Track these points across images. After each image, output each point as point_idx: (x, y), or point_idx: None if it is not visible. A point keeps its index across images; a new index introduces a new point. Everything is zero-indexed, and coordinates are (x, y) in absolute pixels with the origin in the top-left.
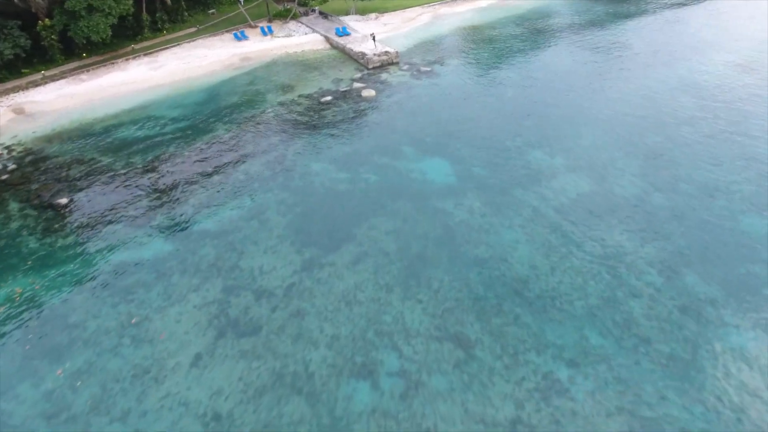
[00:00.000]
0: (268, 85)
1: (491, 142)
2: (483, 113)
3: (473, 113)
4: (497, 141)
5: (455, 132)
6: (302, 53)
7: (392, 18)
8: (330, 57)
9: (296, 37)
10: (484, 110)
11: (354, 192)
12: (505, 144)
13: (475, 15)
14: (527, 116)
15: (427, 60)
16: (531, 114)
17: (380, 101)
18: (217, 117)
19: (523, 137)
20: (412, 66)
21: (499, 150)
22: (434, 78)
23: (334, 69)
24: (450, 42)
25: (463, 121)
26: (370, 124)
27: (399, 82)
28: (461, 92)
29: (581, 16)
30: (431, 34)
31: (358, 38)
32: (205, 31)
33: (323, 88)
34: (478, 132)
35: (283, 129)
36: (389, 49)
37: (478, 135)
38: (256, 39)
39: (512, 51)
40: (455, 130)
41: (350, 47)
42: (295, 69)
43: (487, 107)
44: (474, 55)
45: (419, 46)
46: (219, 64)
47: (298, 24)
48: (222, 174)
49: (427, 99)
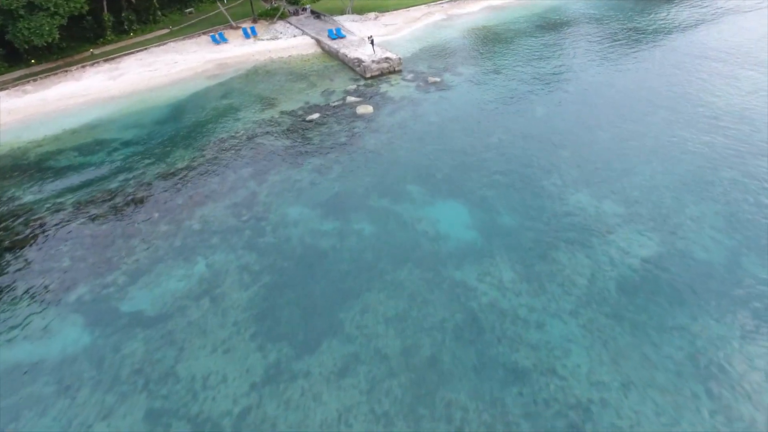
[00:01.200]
0: (246, 98)
1: (520, 178)
2: (507, 139)
3: (495, 139)
4: (528, 177)
5: (473, 164)
6: (288, 59)
7: (394, 18)
8: (320, 64)
9: (283, 39)
10: (509, 135)
11: (342, 252)
12: (538, 182)
13: (489, 14)
14: (563, 143)
15: (435, 68)
16: (567, 140)
17: (379, 121)
18: (179, 141)
19: (560, 172)
20: (417, 75)
21: (532, 190)
22: (444, 91)
23: (325, 78)
24: (461, 46)
25: (482, 149)
26: (365, 153)
27: (402, 96)
28: (478, 110)
29: (614, 15)
30: (439, 36)
31: (354, 42)
32: (179, 32)
33: (310, 103)
34: (502, 164)
35: (258, 158)
36: (390, 54)
37: (503, 169)
38: (237, 42)
39: (537, 57)
40: (473, 161)
41: (344, 52)
42: (278, 78)
43: (511, 131)
44: (491, 63)
45: (426, 51)
46: (190, 72)
47: (286, 25)
48: (173, 222)
49: (436, 118)
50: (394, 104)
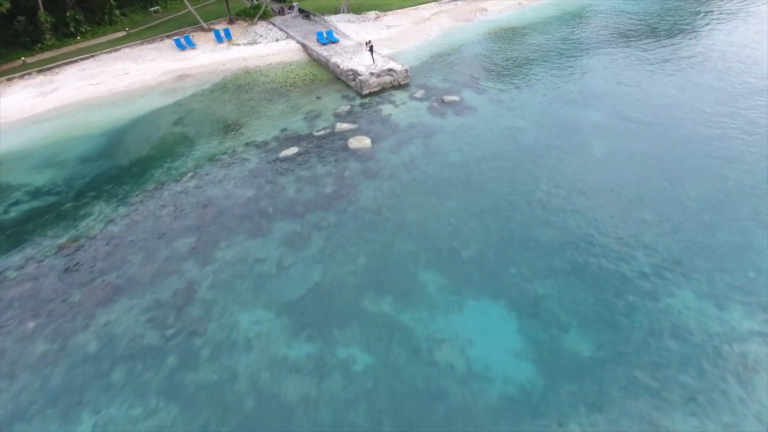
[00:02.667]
0: (205, 124)
1: (589, 261)
2: (559, 193)
3: (541, 191)
4: (601, 259)
5: (515, 235)
6: (267, 69)
7: (398, 18)
8: (306, 76)
9: (262, 44)
10: (561, 186)
11: (319, 410)
12: (617, 268)
13: (512, 14)
14: (644, 202)
15: (451, 82)
16: (649, 196)
17: (379, 159)
18: (104, 188)
19: (649, 253)
20: (429, 92)
21: (612, 284)
22: (465, 114)
23: (310, 96)
24: (482, 53)
25: (525, 208)
26: (359, 212)
27: (410, 122)
28: (513, 144)
29: (667, 16)
30: (454, 41)
31: (348, 48)
32: (138, 36)
33: (288, 132)
34: (557, 235)
35: (206, 219)
36: (394, 64)
37: (560, 242)
38: (207, 47)
39: (579, 68)
40: (515, 230)
41: (336, 62)
42: (251, 96)
43: (563, 179)
44: (522, 75)
45: (438, 60)
46: (142, 86)
47: (269, 26)
48: (56, 338)
49: (457, 157)
50: (399, 134)
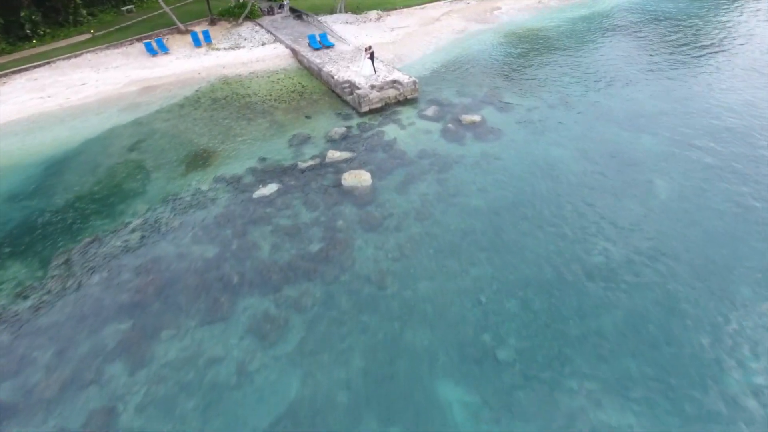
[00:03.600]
0: (167, 149)
1: (679, 373)
2: (624, 253)
3: (599, 255)
4: (698, 371)
5: (573, 325)
6: (250, 79)
7: (403, 19)
8: (295, 88)
9: (246, 49)
10: (624, 241)
11: None
12: (728, 390)
13: (533, 14)
14: (745, 274)
15: (468, 97)
16: (752, 264)
17: (381, 203)
18: (24, 241)
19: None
20: (442, 109)
21: (717, 408)
22: (488, 139)
23: (298, 114)
24: (502, 61)
25: (580, 278)
26: (354, 284)
27: (420, 150)
28: (552, 183)
29: (708, 15)
30: (468, 45)
31: (345, 54)
32: (104, 39)
33: (267, 162)
34: (634, 326)
35: (146, 292)
36: (400, 75)
37: (638, 336)
38: (182, 52)
39: (622, 80)
40: (570, 316)
41: (330, 71)
42: (227, 113)
43: (626, 232)
44: (554, 88)
45: (451, 69)
46: (100, 99)
47: (255, 28)
48: None
49: (482, 201)
50: (406, 166)
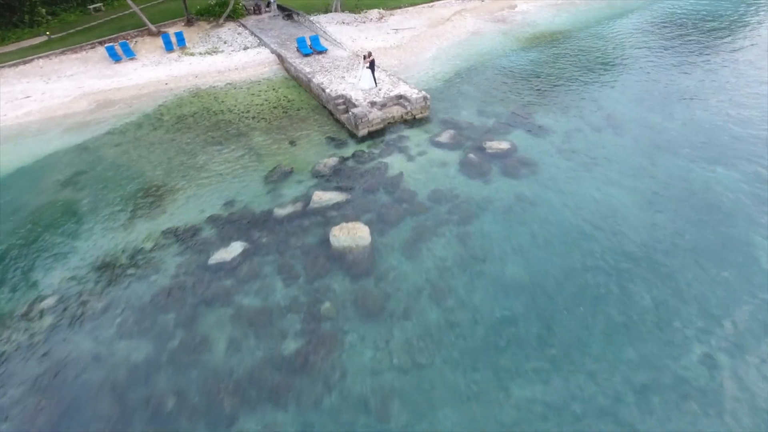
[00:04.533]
0: (111, 186)
1: None
2: (745, 370)
3: (705, 366)
4: None
5: None
6: (226, 92)
7: (409, 19)
8: (279, 102)
9: (225, 54)
10: (740, 346)
11: None
12: None
13: (556, 13)
14: None
15: (491, 116)
16: None
17: (383, 272)
18: None
19: None
20: (459, 133)
21: None
22: (521, 174)
23: (281, 137)
24: (529, 69)
25: (680, 408)
26: (343, 417)
27: (433, 192)
28: (616, 242)
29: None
30: (485, 50)
31: (340, 61)
32: (62, 42)
33: (235, 207)
34: None
35: (37, 423)
36: (407, 88)
37: None
38: (150, 58)
39: (678, 95)
40: None
41: (321, 82)
42: (194, 135)
43: (739, 328)
44: (596, 104)
45: (468, 79)
46: (43, 117)
47: (238, 29)
48: None
49: (521, 270)
50: (416, 215)
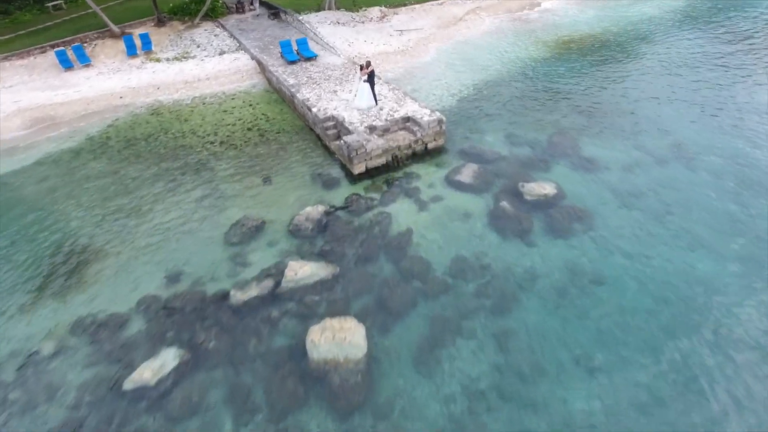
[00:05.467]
0: (20, 242)
1: None
2: None
3: None
4: None
5: None
6: (192, 108)
7: (415, 18)
8: (256, 123)
9: (196, 61)
10: None
11: None
12: None
13: (589, 12)
14: None
15: (525, 143)
16: None
17: (387, 415)
18: None
19: None
20: (485, 168)
21: None
22: (574, 234)
23: (253, 172)
24: (565, 81)
25: None
26: None
27: (456, 260)
28: (734, 350)
29: None
30: (509, 56)
31: (332, 70)
32: (8, 45)
33: (180, 284)
34: None
35: None
36: (415, 107)
37: None
38: (108, 65)
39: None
40: None
41: (306, 99)
42: (142, 168)
43: None
44: (660, 128)
45: (491, 95)
46: None
47: (216, 29)
48: None
49: (602, 412)
50: (431, 301)
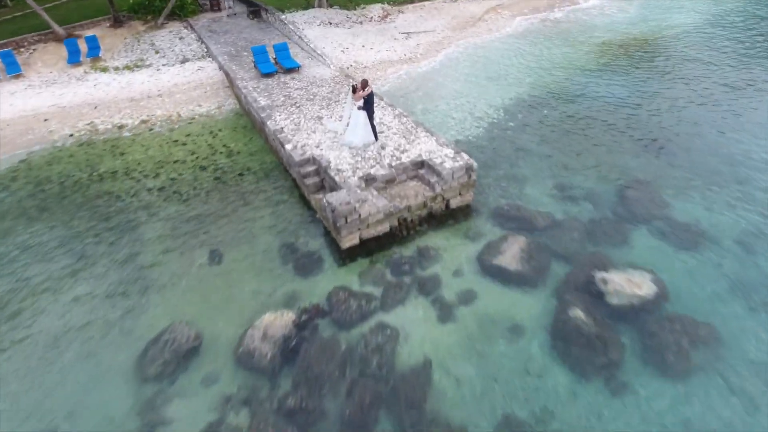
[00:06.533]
0: None
1: None
2: None
3: None
4: None
5: None
6: (133, 137)
7: (425, 19)
8: (215, 159)
9: (150, 70)
10: None
11: None
12: None
13: (635, 9)
14: None
15: (586, 200)
16: None
17: None
18: None
19: None
20: (535, 241)
21: None
22: (699, 366)
23: (196, 243)
24: (616, 101)
25: None
26: None
27: (506, 420)
28: None
29: None
30: (541, 67)
31: (319, 85)
32: None
33: None
34: None
35: None
36: (432, 144)
37: None
38: (43, 75)
39: None
40: None
41: (278, 128)
42: (42, 229)
43: None
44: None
45: (526, 121)
46: None
47: (183, 31)
48: None
49: None
50: None
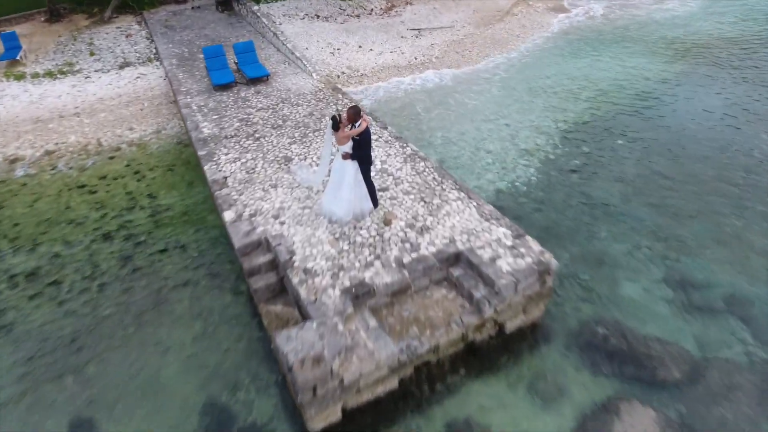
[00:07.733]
0: None
1: None
2: None
3: None
4: None
5: None
6: (23, 180)
7: (439, 12)
8: (127, 221)
9: (78, 77)
10: None
11: None
12: None
13: (704, 2)
14: None
15: (725, 312)
16: None
17: None
18: None
19: None
20: (665, 409)
21: None
22: None
23: (66, 395)
24: (718, 128)
25: None
26: None
27: None
28: None
29: None
30: (597, 78)
31: (293, 105)
32: None
33: None
34: None
35: None
36: (477, 219)
37: None
38: None
39: None
40: None
41: (218, 179)
42: None
43: None
44: None
45: (600, 161)
46: None
47: (132, 26)
48: None
49: None
50: None
